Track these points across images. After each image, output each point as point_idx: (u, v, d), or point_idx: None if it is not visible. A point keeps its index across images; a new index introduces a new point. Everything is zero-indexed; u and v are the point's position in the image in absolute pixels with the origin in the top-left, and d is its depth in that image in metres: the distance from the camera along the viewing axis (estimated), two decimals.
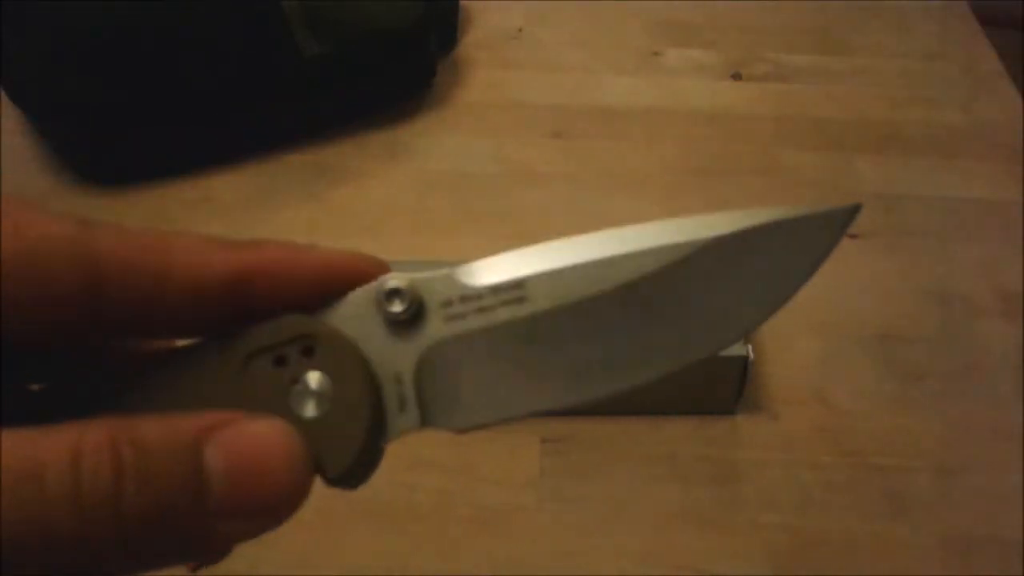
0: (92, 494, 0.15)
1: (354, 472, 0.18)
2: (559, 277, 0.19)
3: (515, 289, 0.19)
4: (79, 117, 0.52)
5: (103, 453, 0.15)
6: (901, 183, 0.55)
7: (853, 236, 0.51)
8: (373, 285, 0.19)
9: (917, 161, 0.57)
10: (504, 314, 0.19)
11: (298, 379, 0.18)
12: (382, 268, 0.19)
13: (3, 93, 0.53)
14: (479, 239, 0.51)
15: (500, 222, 0.52)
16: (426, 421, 0.18)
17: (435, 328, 0.19)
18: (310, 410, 0.18)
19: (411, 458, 0.41)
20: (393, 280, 0.19)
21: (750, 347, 0.40)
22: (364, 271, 0.19)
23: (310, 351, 0.18)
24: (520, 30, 0.66)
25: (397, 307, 0.18)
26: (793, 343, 0.46)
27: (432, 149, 0.57)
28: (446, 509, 0.39)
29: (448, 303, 0.19)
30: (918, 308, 0.48)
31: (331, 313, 0.19)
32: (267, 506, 0.16)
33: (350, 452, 0.18)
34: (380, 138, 0.57)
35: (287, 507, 0.17)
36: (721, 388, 0.42)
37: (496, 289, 0.19)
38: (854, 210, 0.19)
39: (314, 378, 0.18)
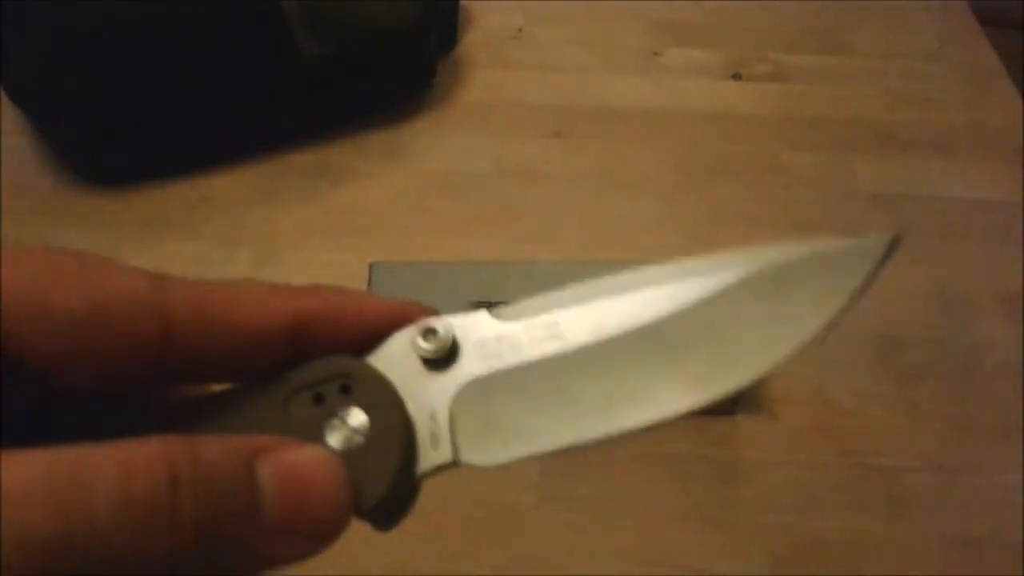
0: (145, 502, 0.15)
1: (387, 505, 0.19)
2: (592, 314, 0.19)
3: (549, 327, 0.19)
4: (79, 117, 0.52)
5: (158, 461, 0.15)
6: (901, 183, 0.55)
7: (853, 236, 0.51)
8: (412, 327, 0.19)
9: (917, 161, 0.57)
10: (537, 350, 0.19)
11: (335, 414, 0.18)
12: (431, 314, 0.20)
13: (3, 93, 0.53)
14: (479, 239, 0.51)
15: (500, 222, 0.52)
16: (459, 457, 0.19)
17: (470, 366, 0.19)
18: (346, 444, 0.18)
19: None
20: (430, 321, 0.19)
21: None
22: (415, 317, 0.20)
23: (348, 389, 0.19)
24: (520, 30, 0.66)
25: (431, 346, 0.19)
26: None
27: (432, 149, 0.57)
28: (446, 509, 0.39)
29: (483, 342, 0.19)
30: (918, 308, 0.48)
31: (372, 354, 0.19)
32: (314, 526, 0.17)
33: (383, 484, 0.18)
34: (380, 138, 0.57)
35: (332, 530, 0.17)
36: None
37: (529, 327, 0.19)
38: (893, 242, 0.19)
39: (350, 414, 0.18)
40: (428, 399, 0.19)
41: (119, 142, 0.54)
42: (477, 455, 0.19)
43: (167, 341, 0.18)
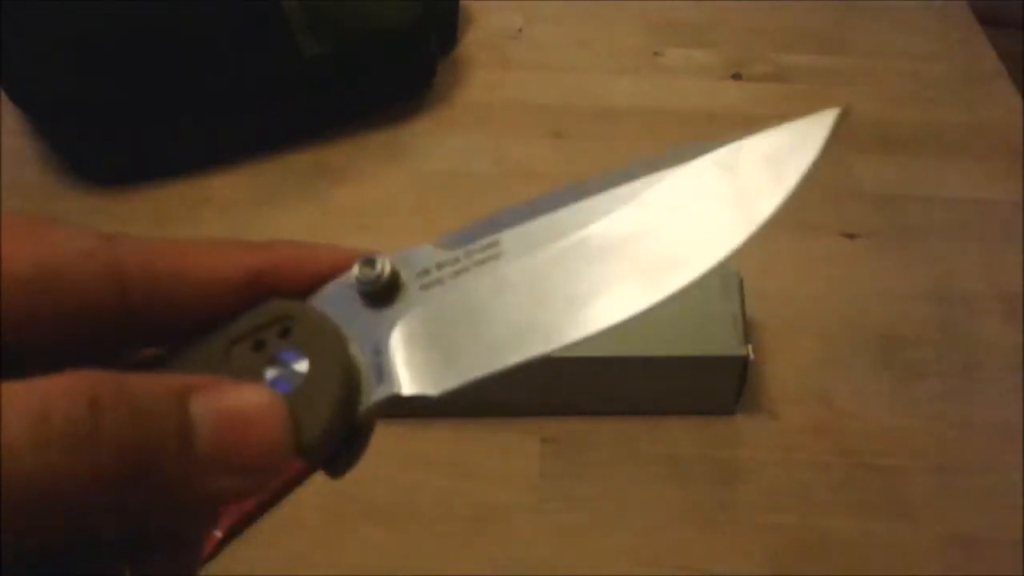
0: (64, 424, 0.14)
1: (332, 444, 0.18)
2: (535, 228, 0.19)
3: (490, 248, 0.19)
4: (79, 117, 0.52)
5: (79, 386, 0.15)
6: (901, 183, 0.55)
7: (853, 236, 0.51)
8: (353, 266, 0.19)
9: (917, 161, 0.57)
10: (478, 271, 0.19)
11: (276, 359, 0.18)
12: None
13: (3, 93, 0.53)
14: None
15: None
16: (406, 388, 0.18)
17: (412, 297, 0.19)
18: (286, 386, 0.18)
19: (411, 458, 0.41)
20: (368, 256, 0.19)
21: (750, 347, 0.40)
22: None
23: (287, 332, 0.18)
24: (520, 30, 0.66)
25: (369, 279, 0.19)
26: (793, 343, 0.46)
27: (432, 149, 0.57)
28: (446, 509, 0.39)
29: (425, 272, 0.19)
30: (918, 308, 0.48)
31: (314, 296, 0.19)
32: (252, 462, 0.17)
33: (322, 420, 0.18)
34: (380, 138, 0.57)
35: (270, 467, 0.17)
36: (721, 388, 0.42)
37: (470, 251, 0.19)
38: (841, 115, 0.19)
39: (290, 356, 0.18)
40: (372, 335, 0.19)
41: (119, 142, 0.54)
42: (424, 384, 0.18)
43: (122, 299, 0.17)
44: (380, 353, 0.18)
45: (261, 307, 0.19)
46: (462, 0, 0.65)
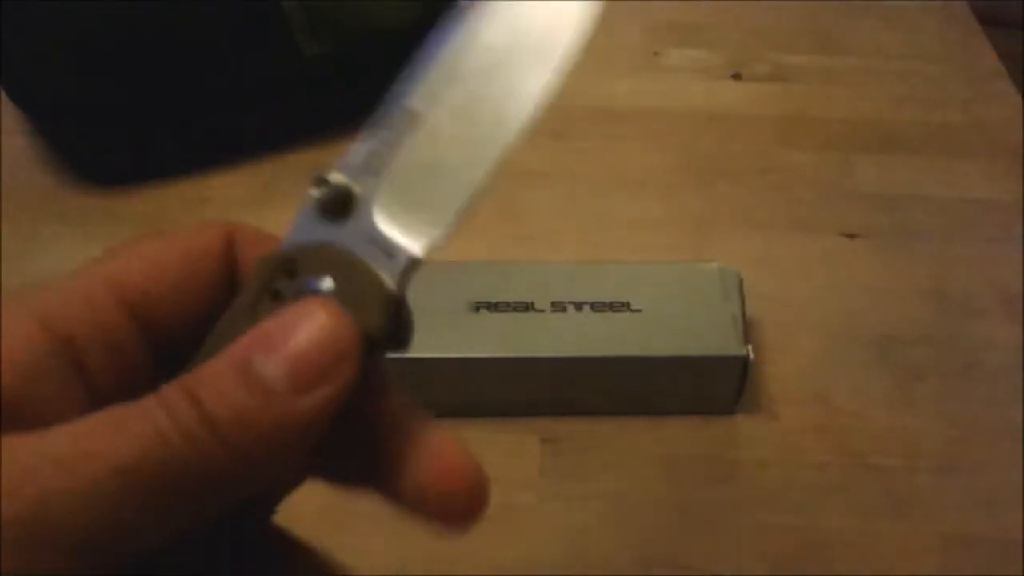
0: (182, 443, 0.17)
1: (389, 322, 0.19)
2: (428, 83, 0.22)
3: (404, 116, 0.22)
4: (79, 117, 0.52)
5: (171, 403, 0.17)
6: (901, 183, 0.55)
7: (853, 236, 0.51)
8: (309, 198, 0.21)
9: (917, 161, 0.57)
10: (411, 136, 0.21)
11: (300, 294, 0.19)
12: None
13: (3, 93, 0.53)
14: (479, 239, 0.51)
15: (500, 222, 0.52)
16: (416, 249, 0.20)
17: (369, 187, 0.21)
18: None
19: None
20: (313, 181, 0.21)
21: (750, 347, 0.40)
22: None
23: (292, 272, 0.20)
24: None
25: (330, 190, 0.21)
26: (793, 343, 0.46)
27: None
28: None
29: (366, 166, 0.21)
30: (918, 308, 0.48)
31: (287, 240, 0.21)
32: (333, 372, 0.18)
33: (375, 302, 0.19)
34: None
35: (349, 365, 0.18)
36: (721, 388, 0.42)
37: (391, 127, 0.22)
38: None
39: (310, 284, 0.20)
40: (358, 233, 0.20)
41: (119, 142, 0.54)
42: (426, 236, 0.20)
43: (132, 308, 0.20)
44: (375, 240, 0.20)
45: (253, 271, 0.20)
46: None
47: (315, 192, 0.21)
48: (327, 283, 0.19)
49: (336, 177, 0.21)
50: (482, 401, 0.42)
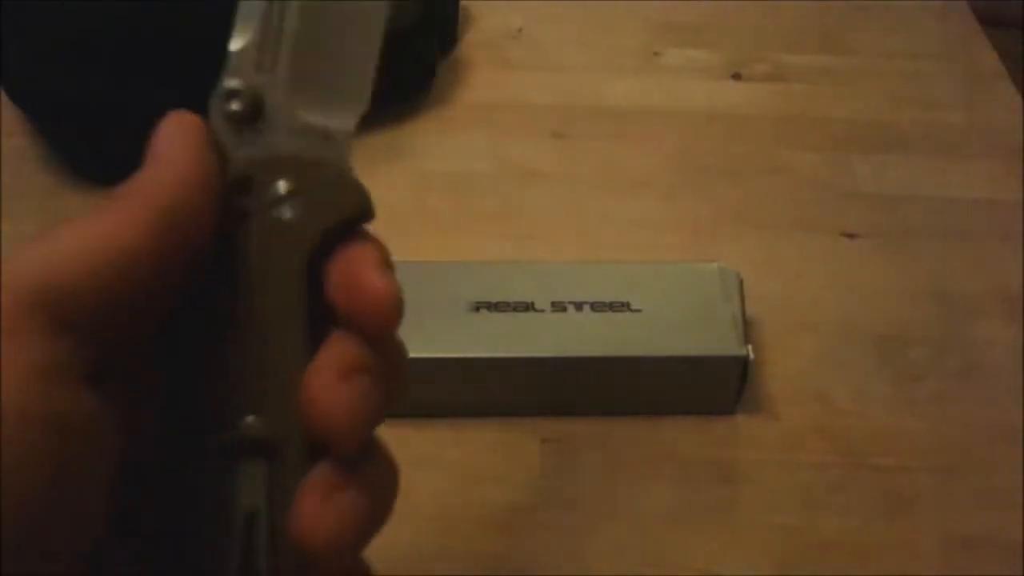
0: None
1: (366, 199, 0.22)
2: None
3: (277, 6, 0.23)
4: (79, 117, 0.52)
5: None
6: (901, 183, 0.55)
7: (853, 236, 0.51)
8: (213, 114, 0.22)
9: (917, 161, 0.57)
10: (290, 22, 0.23)
11: (270, 203, 0.20)
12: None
13: (3, 93, 0.53)
14: (479, 239, 0.51)
15: (500, 222, 0.52)
16: (346, 121, 0.22)
17: (269, 83, 0.22)
18: (286, 211, 0.20)
19: (411, 458, 0.40)
20: (220, 93, 0.22)
21: (750, 347, 0.40)
22: None
23: (246, 188, 0.21)
24: (520, 30, 0.66)
25: (239, 99, 0.22)
26: (793, 343, 0.46)
27: (432, 149, 0.57)
28: (446, 509, 0.39)
29: (257, 65, 0.23)
30: (918, 308, 0.48)
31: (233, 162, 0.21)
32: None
33: (346, 186, 0.22)
34: (380, 138, 0.57)
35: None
36: (721, 388, 0.42)
37: (265, 22, 0.23)
38: None
39: (273, 192, 0.20)
40: (282, 134, 0.21)
41: (119, 142, 0.54)
42: (352, 118, 0.22)
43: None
44: (305, 131, 0.21)
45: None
46: (462, 0, 0.65)
47: (234, 106, 0.21)
48: (284, 186, 0.20)
49: (242, 84, 0.22)
50: (482, 401, 0.42)
